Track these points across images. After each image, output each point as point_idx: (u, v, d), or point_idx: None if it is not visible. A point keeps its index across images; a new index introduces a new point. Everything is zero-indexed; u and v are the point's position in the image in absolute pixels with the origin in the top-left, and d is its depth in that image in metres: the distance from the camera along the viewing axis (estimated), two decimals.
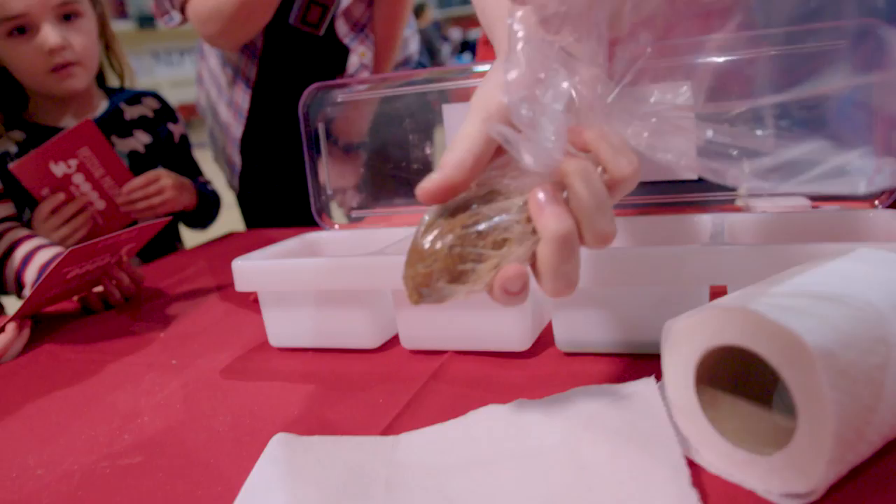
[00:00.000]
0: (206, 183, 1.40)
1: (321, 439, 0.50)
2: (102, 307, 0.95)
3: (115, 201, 1.19)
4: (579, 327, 0.60)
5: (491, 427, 0.48)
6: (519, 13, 0.42)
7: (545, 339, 0.66)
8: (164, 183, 1.23)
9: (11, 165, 1.11)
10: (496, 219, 0.40)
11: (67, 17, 1.16)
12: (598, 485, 0.39)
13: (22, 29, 1.13)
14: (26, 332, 0.83)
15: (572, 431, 0.45)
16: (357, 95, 0.83)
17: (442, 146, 0.80)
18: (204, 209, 1.36)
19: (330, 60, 1.35)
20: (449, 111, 0.78)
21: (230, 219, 1.53)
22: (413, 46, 1.50)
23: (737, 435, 0.40)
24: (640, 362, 0.57)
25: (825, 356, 0.34)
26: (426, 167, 0.82)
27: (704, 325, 0.39)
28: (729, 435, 0.40)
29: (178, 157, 1.36)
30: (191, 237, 1.43)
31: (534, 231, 0.40)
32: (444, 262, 0.40)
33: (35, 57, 1.14)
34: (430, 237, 0.41)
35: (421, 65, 1.56)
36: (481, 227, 0.40)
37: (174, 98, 1.46)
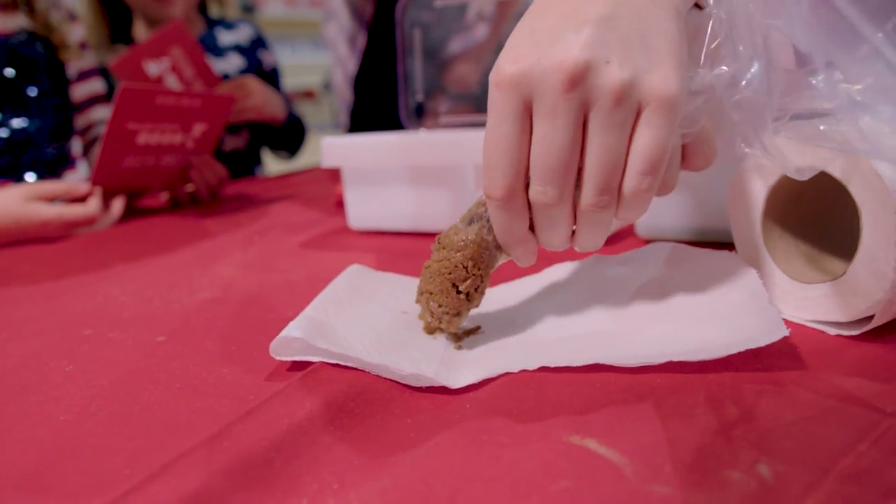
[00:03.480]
0: (294, 112, 1.42)
1: (393, 275, 0.51)
2: (190, 203, 0.98)
3: None
4: (661, 213, 0.59)
5: (568, 270, 0.48)
6: None
7: (624, 230, 0.65)
8: (252, 87, 1.24)
9: (112, 64, 1.15)
10: None
11: None
12: (678, 305, 0.39)
13: None
14: (119, 206, 0.87)
15: (647, 269, 0.44)
16: (450, 2, 0.83)
17: None
18: (291, 129, 1.36)
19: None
20: None
21: None
22: None
23: (796, 272, 0.40)
24: (721, 250, 0.56)
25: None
26: None
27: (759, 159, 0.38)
28: (789, 272, 0.40)
29: (268, 84, 1.39)
30: (274, 168, 1.46)
31: None
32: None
33: None
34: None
35: None
36: None
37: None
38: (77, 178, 1.07)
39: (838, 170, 0.35)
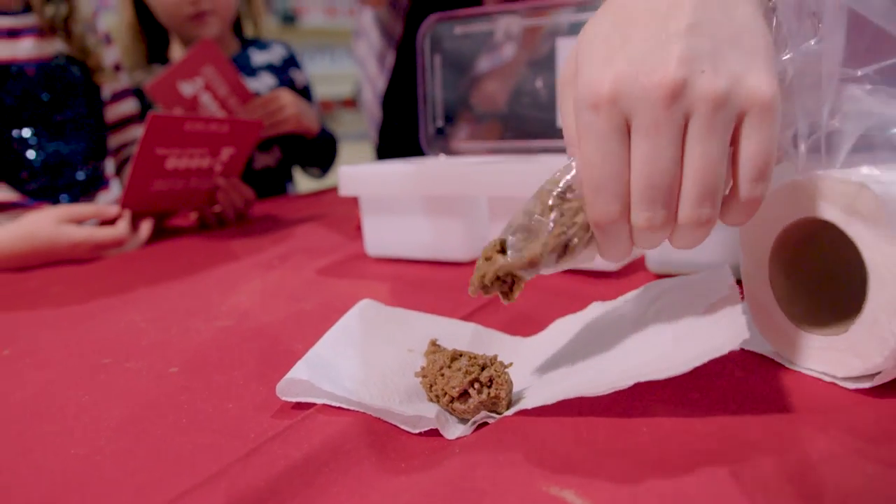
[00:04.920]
0: (327, 128, 1.44)
1: (403, 311, 0.52)
2: (217, 224, 1.00)
3: None
4: (670, 247, 0.59)
5: (569, 326, 0.48)
6: None
7: (635, 263, 0.65)
8: (285, 100, 1.26)
9: (147, 86, 1.19)
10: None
11: None
12: (657, 331, 0.39)
13: None
14: (147, 228, 0.89)
15: (642, 302, 0.44)
16: (473, 28, 0.85)
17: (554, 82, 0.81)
18: (324, 144, 1.38)
19: None
20: (563, 46, 0.78)
21: None
22: None
23: (802, 319, 0.40)
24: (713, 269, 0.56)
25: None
26: (536, 102, 0.83)
27: (775, 200, 0.39)
28: (795, 319, 0.40)
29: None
30: (305, 186, 1.49)
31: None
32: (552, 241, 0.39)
33: (177, 4, 1.22)
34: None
35: None
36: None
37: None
38: (110, 198, 1.10)
39: (851, 226, 0.35)
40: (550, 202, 0.37)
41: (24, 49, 1.01)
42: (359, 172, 0.71)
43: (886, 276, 0.34)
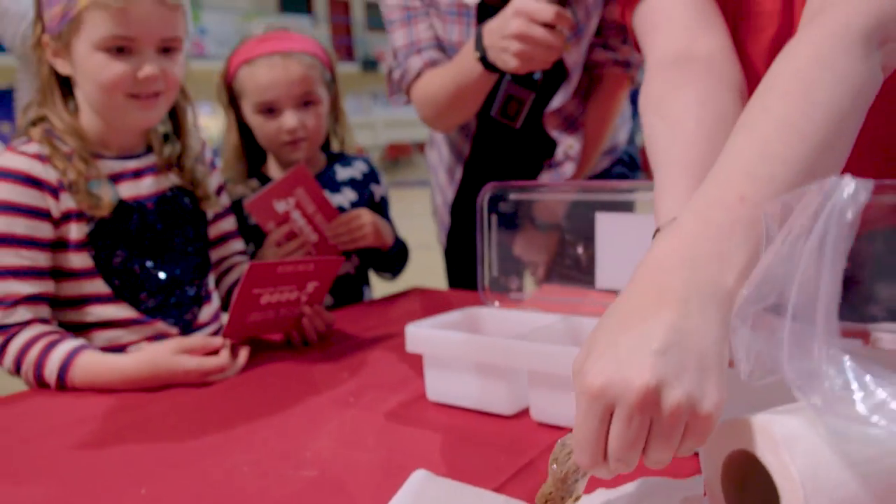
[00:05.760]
0: (400, 238, 1.60)
1: (452, 484, 0.65)
2: (301, 343, 1.16)
3: (324, 234, 1.42)
4: None
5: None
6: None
7: None
8: (365, 219, 1.43)
9: (245, 202, 1.37)
10: None
11: (306, 104, 1.42)
12: None
13: (270, 110, 1.40)
14: (243, 356, 1.05)
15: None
16: (525, 196, 0.99)
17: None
18: (397, 254, 1.55)
19: (538, 147, 1.48)
20: (602, 220, 0.91)
21: (428, 271, 1.72)
22: (622, 135, 1.59)
23: None
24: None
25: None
26: (577, 264, 0.96)
27: (719, 435, 0.51)
28: None
29: (378, 214, 1.58)
30: (379, 286, 1.64)
31: None
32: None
33: (276, 132, 1.41)
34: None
35: (627, 154, 1.62)
36: None
37: (385, 137, 1.65)
38: (212, 309, 1.27)
39: (764, 456, 0.47)
40: (556, 449, 0.51)
41: (146, 186, 1.20)
42: (422, 334, 0.86)
43: (790, 497, 0.45)
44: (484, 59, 1.16)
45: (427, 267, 1.67)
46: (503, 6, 1.17)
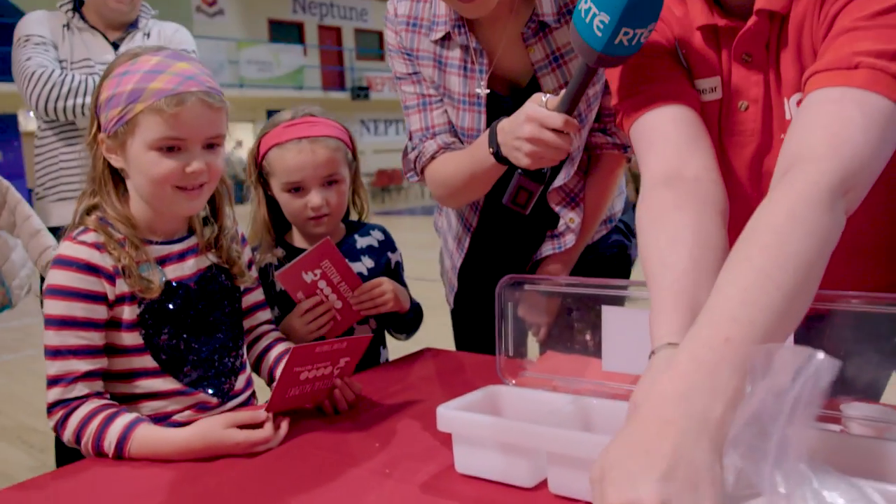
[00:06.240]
0: (415, 301, 1.72)
1: None
2: (333, 412, 1.27)
3: (348, 301, 1.54)
4: None
5: None
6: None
7: None
8: (385, 287, 1.56)
9: (276, 274, 1.49)
10: None
11: (330, 184, 1.54)
12: None
13: (297, 189, 1.53)
14: (284, 427, 1.17)
15: None
16: (538, 287, 1.11)
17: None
18: (413, 318, 1.67)
19: (541, 220, 1.60)
20: (607, 312, 1.03)
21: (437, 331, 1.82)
22: (618, 205, 1.72)
23: None
24: None
25: None
26: (584, 348, 1.08)
27: None
28: None
29: (393, 280, 1.71)
30: (392, 346, 1.76)
31: None
32: None
33: (302, 209, 1.54)
34: None
35: (623, 223, 1.75)
36: None
37: (375, 164, 1.74)
38: (245, 377, 1.38)
39: None
40: None
41: (189, 267, 1.31)
42: (451, 416, 0.98)
43: None
44: (497, 154, 1.29)
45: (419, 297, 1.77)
46: (511, 96, 1.30)
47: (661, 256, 0.86)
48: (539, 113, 1.17)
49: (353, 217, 1.74)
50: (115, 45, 2.41)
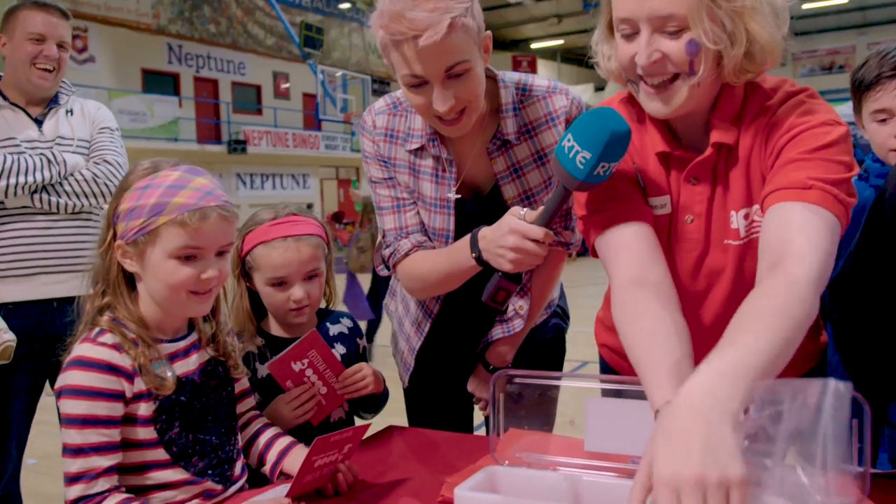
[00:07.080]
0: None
1: None
2: (334, 493, 1.40)
3: (333, 386, 1.67)
4: None
5: None
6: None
7: None
8: (366, 371, 1.71)
9: (267, 365, 1.61)
10: None
11: (310, 278, 1.68)
12: None
13: (281, 283, 1.66)
14: None
15: None
16: (528, 381, 1.29)
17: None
18: (383, 397, 1.82)
19: (492, 307, 1.78)
20: (590, 403, 1.23)
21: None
22: (556, 293, 1.95)
23: None
24: None
25: None
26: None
27: None
28: None
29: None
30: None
31: None
32: None
33: (284, 301, 1.68)
34: None
35: (560, 307, 2.00)
36: None
37: (247, 215, 1.80)
38: (241, 463, 1.48)
39: None
40: None
41: (192, 362, 1.42)
42: (470, 497, 1.14)
43: None
44: (479, 259, 1.48)
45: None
46: (473, 199, 1.53)
47: (649, 343, 1.10)
48: (521, 226, 1.37)
49: (322, 305, 1.87)
50: (38, 122, 2.43)
